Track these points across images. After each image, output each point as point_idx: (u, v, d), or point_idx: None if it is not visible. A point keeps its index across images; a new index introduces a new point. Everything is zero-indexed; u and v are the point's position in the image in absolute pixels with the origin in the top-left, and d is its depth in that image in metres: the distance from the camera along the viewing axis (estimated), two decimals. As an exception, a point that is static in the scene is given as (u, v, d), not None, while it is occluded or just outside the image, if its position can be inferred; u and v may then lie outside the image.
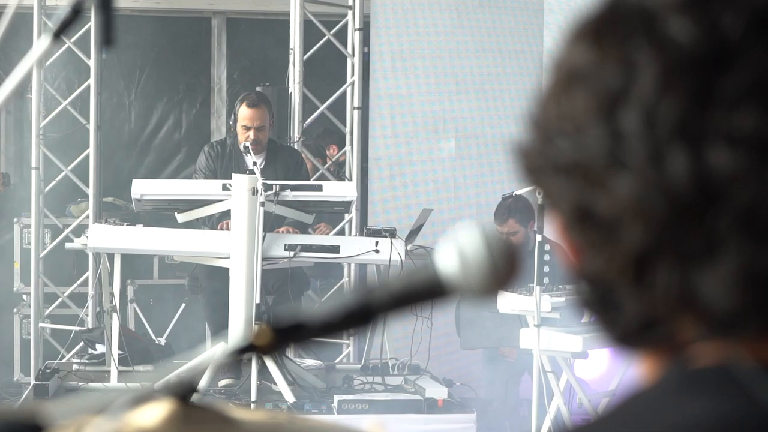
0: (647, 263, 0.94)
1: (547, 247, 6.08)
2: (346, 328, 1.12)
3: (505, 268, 1.08)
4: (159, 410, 1.79)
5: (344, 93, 8.55)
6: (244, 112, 7.49)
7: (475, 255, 1.07)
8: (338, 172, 8.62)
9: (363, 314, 1.11)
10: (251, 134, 7.44)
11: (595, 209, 0.95)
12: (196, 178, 7.64)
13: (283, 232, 7.08)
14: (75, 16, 1.85)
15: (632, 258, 0.94)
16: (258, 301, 6.55)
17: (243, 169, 7.17)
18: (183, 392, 1.76)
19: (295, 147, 8.20)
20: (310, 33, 8.45)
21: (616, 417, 0.95)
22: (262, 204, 6.58)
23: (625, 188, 0.93)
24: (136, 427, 1.77)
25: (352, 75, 8.52)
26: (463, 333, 6.98)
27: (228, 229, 6.97)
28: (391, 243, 6.89)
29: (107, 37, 1.85)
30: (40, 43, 1.91)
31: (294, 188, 6.92)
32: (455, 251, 1.08)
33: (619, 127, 0.93)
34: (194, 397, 1.86)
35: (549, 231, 6.04)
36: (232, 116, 7.62)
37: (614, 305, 0.97)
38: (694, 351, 0.95)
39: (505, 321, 6.70)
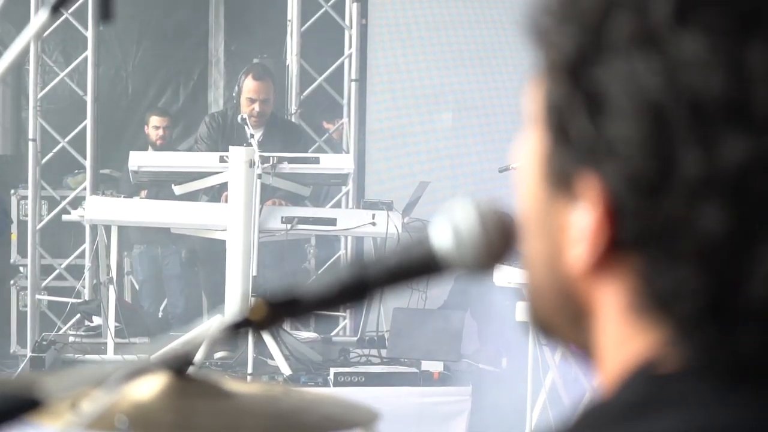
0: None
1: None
2: (341, 303, 1.12)
3: (499, 243, 1.08)
4: (155, 383, 1.81)
5: (342, 65, 8.52)
6: (249, 84, 7.44)
7: (470, 230, 1.07)
8: (334, 145, 8.60)
9: (358, 289, 1.11)
10: (256, 107, 7.39)
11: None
12: (198, 148, 7.61)
13: (270, 204, 6.97)
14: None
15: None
16: (255, 274, 6.55)
17: (243, 140, 7.13)
18: (179, 365, 1.78)
19: (293, 119, 8.18)
20: (307, 4, 8.42)
21: None
22: (260, 176, 6.55)
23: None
24: (133, 400, 1.78)
25: (350, 47, 8.50)
26: (392, 340, 6.91)
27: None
28: (388, 216, 6.89)
29: (105, 12, 1.85)
30: (39, 16, 1.90)
31: (291, 161, 6.90)
32: (449, 227, 1.08)
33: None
34: (190, 370, 1.87)
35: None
36: (236, 88, 7.55)
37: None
38: (662, 352, 0.83)
39: (439, 337, 6.72)
